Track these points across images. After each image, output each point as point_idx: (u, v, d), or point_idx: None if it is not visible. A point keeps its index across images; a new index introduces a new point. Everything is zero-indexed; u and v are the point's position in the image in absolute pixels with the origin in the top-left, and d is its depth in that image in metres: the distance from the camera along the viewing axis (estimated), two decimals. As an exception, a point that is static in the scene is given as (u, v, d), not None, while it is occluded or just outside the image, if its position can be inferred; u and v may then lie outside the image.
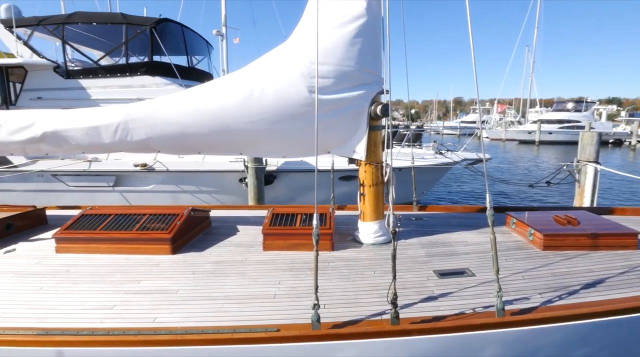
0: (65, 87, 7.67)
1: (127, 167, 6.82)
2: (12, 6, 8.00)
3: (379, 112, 2.84)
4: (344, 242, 3.07)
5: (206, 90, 2.96)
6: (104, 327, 1.89)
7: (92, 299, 2.21)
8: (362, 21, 2.74)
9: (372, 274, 2.49)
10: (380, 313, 1.99)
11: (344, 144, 3.00)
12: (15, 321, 1.98)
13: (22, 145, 3.17)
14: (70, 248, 2.94)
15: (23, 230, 3.49)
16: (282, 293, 2.24)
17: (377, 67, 2.89)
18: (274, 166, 6.98)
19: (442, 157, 8.09)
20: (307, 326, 1.84)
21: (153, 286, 2.36)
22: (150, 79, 7.73)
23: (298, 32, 2.94)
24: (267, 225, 3.00)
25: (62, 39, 7.79)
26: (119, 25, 7.78)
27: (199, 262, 2.73)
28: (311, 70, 2.69)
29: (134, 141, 3.02)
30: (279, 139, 2.95)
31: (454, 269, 2.52)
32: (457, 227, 3.43)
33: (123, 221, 3.09)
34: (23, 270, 2.63)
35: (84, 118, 3.05)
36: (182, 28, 8.72)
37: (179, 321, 1.95)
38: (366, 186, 3.06)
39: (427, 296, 2.17)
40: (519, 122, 43.02)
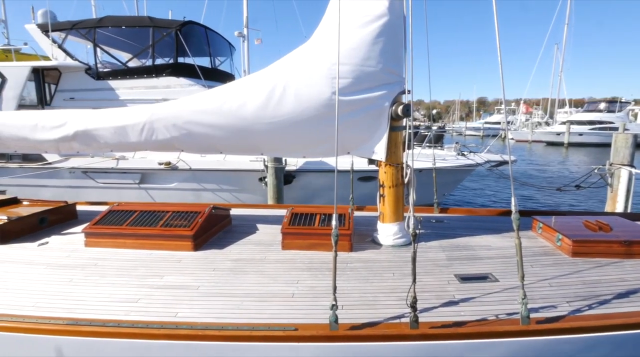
0: (96, 88, 8.01)
1: (152, 165, 7.04)
2: (48, 11, 8.43)
3: (400, 113, 2.80)
4: (362, 244, 3.05)
5: (228, 91, 3.01)
6: (128, 320, 1.95)
7: (118, 292, 2.29)
8: (384, 20, 2.71)
9: (391, 276, 2.46)
10: (399, 316, 1.96)
11: (364, 145, 2.98)
12: (47, 311, 2.08)
13: (55, 144, 3.33)
14: (98, 242, 3.06)
15: (55, 224, 3.66)
16: (300, 293, 2.25)
17: (398, 67, 2.86)
18: (293, 166, 7.02)
19: (465, 159, 7.90)
20: (325, 326, 1.84)
21: (175, 282, 2.42)
22: (175, 79, 7.95)
23: (319, 32, 2.94)
24: (286, 224, 3.02)
25: (94, 42, 8.14)
26: (146, 28, 8.05)
27: (219, 260, 2.78)
28: (332, 71, 2.69)
29: (158, 140, 3.11)
30: (299, 140, 2.97)
31: (476, 274, 2.46)
32: (479, 231, 3.34)
33: (147, 217, 3.19)
34: (55, 262, 2.76)
35: (112, 118, 3.17)
36: (205, 30, 8.92)
37: (200, 317, 2.00)
38: (386, 187, 3.03)
39: (448, 300, 2.12)
40: (546, 123, 41.41)
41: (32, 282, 2.44)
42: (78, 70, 8.05)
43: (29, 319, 1.97)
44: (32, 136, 3.31)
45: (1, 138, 3.39)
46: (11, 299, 2.22)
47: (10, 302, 2.18)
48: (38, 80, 7.97)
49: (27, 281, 2.45)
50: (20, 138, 3.36)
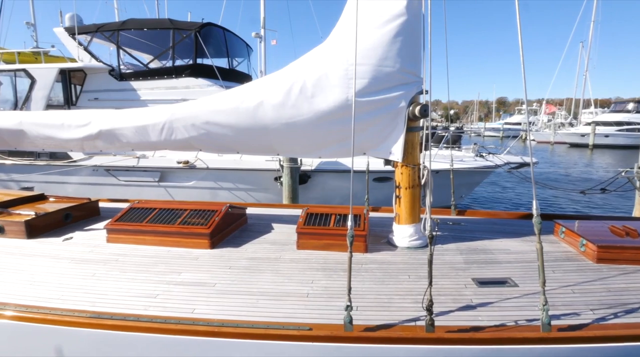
0: (119, 88, 8.27)
1: (171, 164, 7.20)
2: (75, 15, 8.76)
3: (417, 113, 2.77)
4: (377, 245, 3.03)
5: (245, 92, 3.05)
6: (147, 315, 2.00)
7: (137, 287, 2.35)
8: (402, 20, 2.69)
9: (407, 278, 2.44)
10: (415, 319, 1.94)
11: (380, 145, 2.96)
12: (72, 304, 2.16)
13: (80, 142, 3.45)
14: (119, 238, 3.15)
15: (79, 220, 3.80)
16: (314, 292, 2.26)
17: (416, 67, 2.83)
18: (308, 166, 7.05)
19: (483, 160, 7.73)
20: (339, 327, 1.84)
21: (192, 279, 2.47)
22: (194, 80, 8.11)
23: (336, 32, 2.94)
24: (301, 224, 3.03)
25: (117, 44, 8.40)
26: (167, 30, 8.25)
27: (235, 258, 2.82)
28: (349, 71, 2.68)
29: (177, 140, 3.18)
30: (315, 140, 2.97)
31: (495, 278, 2.40)
32: (498, 234, 3.26)
33: (166, 215, 3.26)
34: (79, 257, 2.86)
35: (134, 118, 3.26)
36: (223, 31, 9.07)
37: (216, 313, 2.03)
38: (402, 188, 3.00)
39: (465, 304, 2.08)
40: (570, 124, 40.06)
41: (58, 275, 2.54)
42: (102, 71, 8.32)
43: (55, 311, 2.05)
44: (58, 135, 3.45)
45: (30, 137, 3.55)
46: (38, 291, 2.32)
47: (38, 294, 2.28)
48: (65, 81, 8.28)
49: (53, 275, 2.55)
50: (48, 137, 3.51)
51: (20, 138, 3.53)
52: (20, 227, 3.26)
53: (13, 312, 2.05)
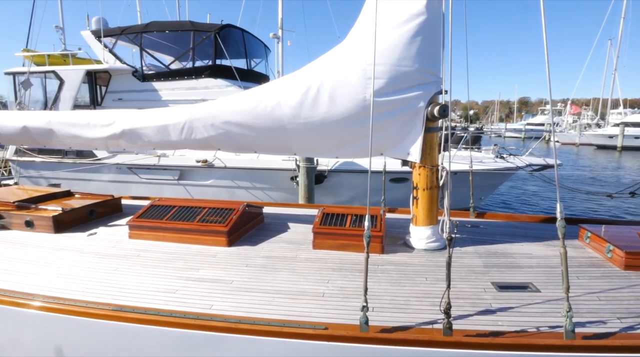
0: (141, 89, 8.51)
1: (190, 163, 7.35)
2: (101, 19, 9.08)
3: (436, 113, 2.73)
4: (394, 246, 3.01)
5: (264, 92, 3.08)
6: (167, 309, 2.06)
7: (157, 283, 2.42)
8: (422, 19, 2.66)
9: (424, 280, 2.40)
10: (432, 322, 1.91)
11: (398, 146, 2.93)
12: (96, 296, 2.24)
13: (105, 141, 3.57)
14: (140, 235, 3.25)
15: (103, 216, 3.93)
16: (330, 292, 2.26)
17: (435, 67, 2.79)
18: (325, 166, 7.05)
19: (504, 162, 7.54)
20: (355, 327, 1.84)
21: (210, 275, 2.52)
22: (213, 81, 8.26)
23: (354, 32, 2.93)
24: (318, 224, 3.04)
25: (140, 46, 8.65)
26: (188, 32, 8.43)
27: (251, 256, 2.86)
28: (367, 71, 2.67)
29: (197, 139, 3.24)
30: (332, 140, 2.97)
31: (516, 283, 2.34)
32: (519, 238, 3.18)
33: (185, 212, 3.33)
34: (102, 252, 2.96)
35: (155, 117, 3.35)
36: (242, 32, 9.19)
37: (233, 310, 2.06)
38: (420, 189, 2.97)
39: (484, 308, 2.04)
40: (597, 124, 38.53)
41: (83, 269, 2.64)
42: (126, 72, 8.59)
43: (79, 303, 2.13)
44: (84, 134, 3.57)
45: (59, 135, 3.69)
46: (65, 283, 2.41)
47: (64, 286, 2.37)
48: (91, 82, 8.59)
49: (79, 268, 2.65)
50: (74, 135, 3.64)
51: (49, 137, 3.68)
52: (48, 222, 3.40)
53: (41, 303, 2.15)
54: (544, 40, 1.83)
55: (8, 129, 3.71)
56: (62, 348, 2.23)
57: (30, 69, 8.60)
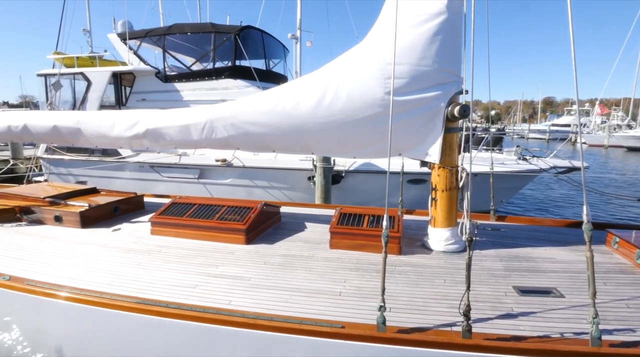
0: (164, 90, 8.75)
1: (210, 162, 7.50)
2: (127, 22, 9.38)
3: (456, 114, 2.68)
4: (411, 247, 2.98)
5: (282, 92, 3.11)
6: (188, 304, 2.11)
7: (178, 278, 2.48)
8: (442, 18, 2.62)
9: (442, 282, 2.37)
10: (450, 324, 1.88)
11: (417, 146, 2.90)
12: (120, 289, 2.32)
13: (129, 140, 3.68)
14: (162, 231, 3.34)
15: (126, 213, 4.06)
16: (347, 292, 2.26)
17: (456, 66, 2.74)
18: (342, 166, 7.04)
19: (526, 164, 7.32)
20: (372, 326, 1.83)
21: (229, 272, 2.57)
22: (233, 81, 8.39)
23: (374, 32, 2.92)
24: (335, 224, 3.04)
25: (163, 48, 8.90)
26: (209, 33, 8.60)
27: (269, 254, 2.89)
28: (386, 71, 2.65)
29: (217, 139, 3.31)
30: (350, 140, 2.97)
31: (538, 287, 2.27)
32: (542, 242, 3.08)
33: (205, 210, 3.41)
34: (126, 247, 3.07)
35: (177, 117, 3.43)
36: (261, 34, 9.30)
37: (251, 306, 2.10)
38: (439, 190, 2.93)
39: (505, 312, 1.99)
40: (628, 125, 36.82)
41: (108, 263, 2.74)
42: (149, 74, 8.84)
43: (105, 295, 2.21)
44: (110, 133, 3.70)
45: (86, 134, 3.84)
46: (91, 276, 2.52)
47: (90, 279, 2.47)
48: (116, 83, 8.89)
49: (104, 262, 2.76)
50: (101, 135, 3.78)
51: (77, 136, 3.83)
52: (76, 218, 3.55)
53: (70, 294, 2.25)
54: (570, 38, 1.77)
55: (40, 128, 3.89)
56: (88, 337, 2.32)
57: (61, 71, 8.98)
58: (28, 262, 2.75)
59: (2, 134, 4.10)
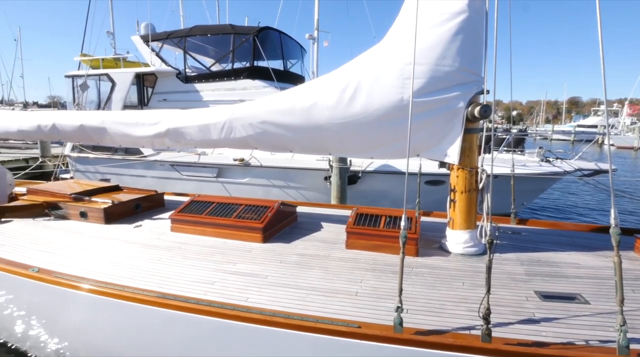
0: (184, 90, 8.95)
1: (228, 161, 7.62)
2: (149, 24, 9.65)
3: (477, 114, 2.64)
4: (429, 249, 2.94)
5: (300, 92, 3.13)
6: (206, 299, 2.16)
7: (197, 274, 2.54)
8: (463, 17, 2.58)
9: (461, 285, 2.33)
10: (469, 327, 1.85)
11: (436, 147, 2.86)
12: (141, 283, 2.39)
13: (151, 139, 3.79)
14: (181, 228, 3.42)
15: (147, 210, 4.18)
16: (363, 292, 2.26)
17: (476, 66, 2.69)
18: (358, 167, 7.02)
19: (549, 166, 7.09)
20: (388, 327, 1.82)
21: (246, 269, 2.60)
22: (251, 82, 8.50)
23: (393, 32, 2.90)
24: (351, 224, 3.04)
25: (184, 50, 9.10)
26: (228, 35, 8.74)
27: (286, 253, 2.91)
28: (405, 71, 2.63)
29: (236, 138, 3.36)
30: (368, 140, 2.96)
31: (562, 293, 2.20)
32: (565, 247, 2.99)
33: (223, 209, 3.47)
34: (147, 242, 3.16)
35: (197, 117, 3.51)
36: (279, 34, 9.38)
37: (268, 304, 2.12)
38: (457, 192, 2.88)
39: (526, 317, 1.94)
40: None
41: (130, 258, 2.83)
42: (170, 75, 9.06)
43: (128, 289, 2.29)
44: (133, 132, 3.81)
45: (110, 133, 3.97)
46: (114, 270, 2.60)
47: (114, 273, 2.56)
48: (139, 84, 9.16)
49: (126, 257, 2.84)
50: (124, 134, 3.90)
51: (102, 134, 3.97)
52: (100, 214, 3.68)
53: (93, 287, 2.33)
54: (599, 36, 1.71)
55: (67, 127, 4.05)
56: (110, 329, 2.41)
57: (87, 72, 9.32)
58: (55, 255, 2.87)
59: (32, 133, 4.30)
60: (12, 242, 3.16)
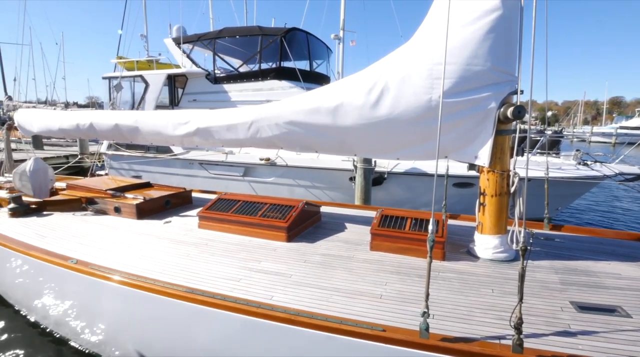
0: (213, 91, 9.19)
1: (254, 160, 7.75)
2: (181, 27, 9.99)
3: (509, 115, 2.53)
4: (456, 254, 2.86)
5: (326, 92, 3.12)
6: (232, 296, 2.20)
7: (224, 270, 2.60)
8: (497, 15, 2.49)
9: (490, 292, 2.25)
10: (499, 337, 1.78)
11: (465, 149, 2.78)
12: (170, 277, 2.48)
13: (181, 138, 3.91)
14: (208, 225, 3.51)
15: (176, 206, 4.32)
16: (388, 295, 2.23)
17: (510, 65, 2.59)
18: (384, 168, 6.94)
19: (587, 169, 6.71)
20: (414, 332, 1.79)
21: (271, 268, 2.64)
22: (278, 82, 8.60)
23: (421, 32, 2.84)
24: (376, 225, 3.01)
25: (213, 51, 9.34)
26: (256, 36, 8.89)
27: (309, 253, 2.92)
28: (434, 71, 2.57)
29: (262, 138, 3.41)
30: (394, 141, 2.92)
31: (601, 305, 2.08)
32: (605, 255, 2.82)
33: (249, 207, 3.53)
34: (176, 238, 3.26)
35: (225, 117, 3.59)
36: (306, 35, 9.44)
37: (292, 303, 2.14)
38: (487, 195, 2.78)
39: (561, 329, 1.84)
40: None
41: (160, 253, 2.93)
42: (200, 76, 9.33)
43: (158, 282, 2.37)
44: (164, 131, 3.96)
45: (143, 132, 4.14)
46: (146, 264, 2.71)
47: (145, 267, 2.66)
48: (170, 85, 9.50)
49: (156, 252, 2.95)
50: (156, 133, 4.05)
51: (135, 133, 4.14)
52: (132, 209, 3.84)
53: (126, 279, 2.44)
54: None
55: (103, 126, 4.26)
56: (141, 320, 2.51)
57: (122, 74, 9.76)
58: (91, 248, 3.02)
59: (71, 131, 4.55)
60: (54, 234, 3.36)
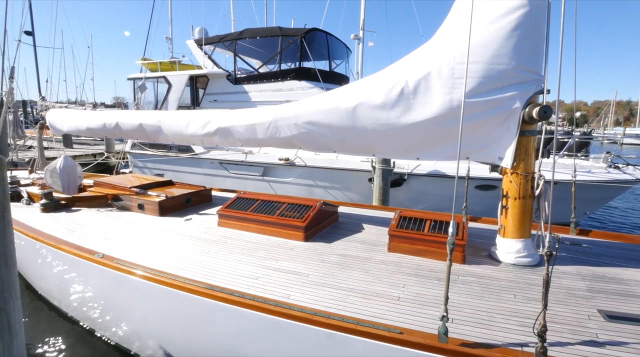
0: (233, 91, 9.34)
1: (273, 160, 7.82)
2: (203, 29, 10.20)
3: (535, 115, 2.45)
4: (476, 257, 2.79)
5: (346, 93, 3.11)
6: (250, 293, 2.23)
7: (242, 268, 2.63)
8: (522, 12, 2.41)
9: (512, 298, 2.19)
10: (521, 344, 1.73)
11: (487, 150, 2.71)
12: (190, 274, 2.53)
13: (201, 138, 4.00)
14: (228, 223, 3.57)
15: (196, 204, 4.42)
16: (406, 297, 2.20)
17: (536, 64, 2.50)
18: (404, 169, 6.86)
19: (618, 173, 6.41)
20: (432, 336, 1.76)
21: (288, 267, 2.65)
22: (297, 83, 8.65)
23: (442, 31, 2.79)
24: (394, 226, 2.98)
25: (234, 52, 9.49)
26: (276, 37, 8.98)
27: (327, 252, 2.93)
28: (456, 70, 2.52)
29: (281, 138, 3.44)
30: (414, 142, 2.88)
31: (632, 314, 1.98)
32: (636, 263, 2.69)
33: (267, 206, 3.56)
34: (197, 235, 3.34)
35: (245, 117, 3.64)
36: (326, 35, 9.45)
37: (309, 302, 2.15)
38: (510, 198, 2.70)
39: (588, 339, 1.77)
40: None
41: (181, 249, 3.01)
42: (221, 76, 9.50)
43: (179, 278, 2.43)
44: (185, 131, 4.05)
45: (165, 132, 4.26)
46: (167, 260, 2.78)
47: (167, 262, 2.74)
48: (192, 85, 9.72)
49: (178, 248, 3.03)
50: (178, 133, 4.16)
51: (158, 133, 4.26)
52: (155, 207, 3.96)
53: (149, 274, 2.51)
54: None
55: (128, 125, 4.41)
56: (162, 314, 2.58)
57: (146, 75, 10.07)
58: (117, 243, 3.13)
59: (98, 131, 4.74)
60: (82, 229, 3.50)
